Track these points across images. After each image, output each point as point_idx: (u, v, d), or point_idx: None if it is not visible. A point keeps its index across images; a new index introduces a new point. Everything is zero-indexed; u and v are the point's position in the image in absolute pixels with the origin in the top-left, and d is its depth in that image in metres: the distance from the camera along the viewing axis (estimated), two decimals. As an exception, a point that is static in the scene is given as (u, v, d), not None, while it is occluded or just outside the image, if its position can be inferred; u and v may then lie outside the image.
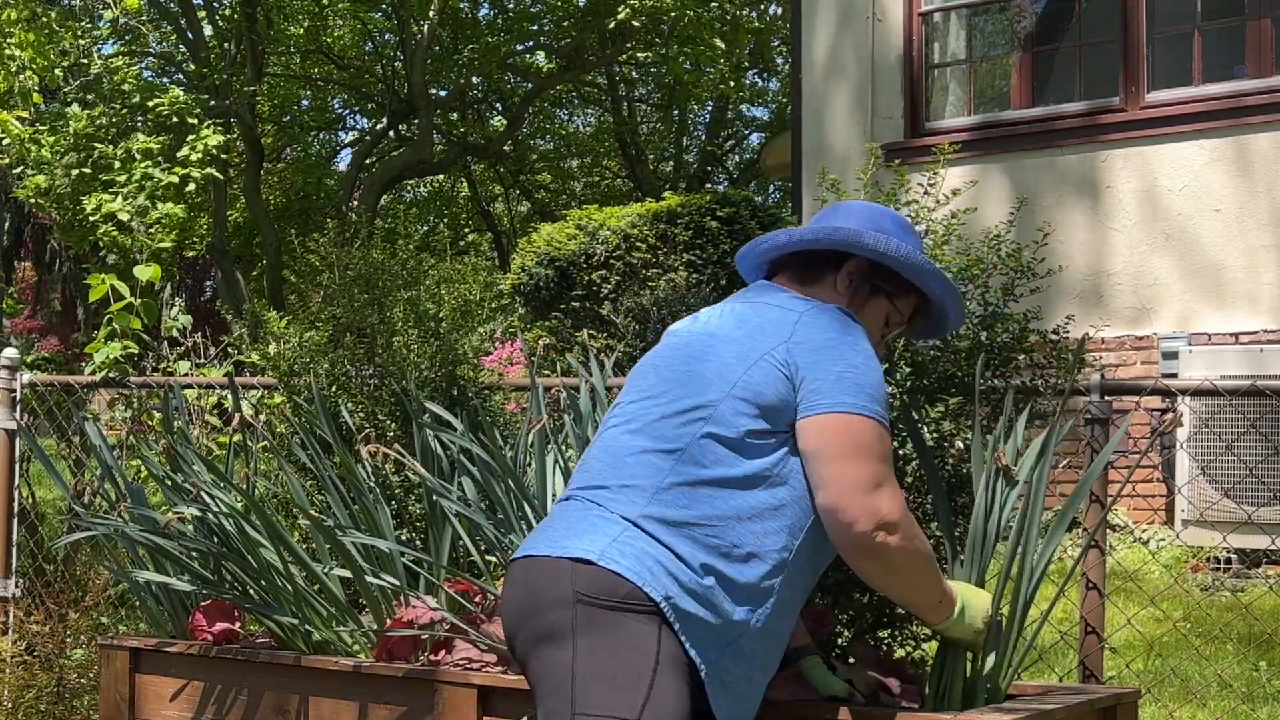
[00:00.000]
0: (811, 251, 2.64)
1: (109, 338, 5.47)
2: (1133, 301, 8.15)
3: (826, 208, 2.79)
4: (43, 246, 26.25)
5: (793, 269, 2.66)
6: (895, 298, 2.65)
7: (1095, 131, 8.37)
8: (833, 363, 2.42)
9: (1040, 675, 4.37)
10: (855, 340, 2.47)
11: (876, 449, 2.40)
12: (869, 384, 2.42)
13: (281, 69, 19.74)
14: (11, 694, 4.88)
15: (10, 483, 5.11)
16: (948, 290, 2.66)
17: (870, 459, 2.38)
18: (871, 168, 3.61)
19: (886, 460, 2.41)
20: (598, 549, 2.35)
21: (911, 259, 2.60)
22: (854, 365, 2.43)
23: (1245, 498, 6.59)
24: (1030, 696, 2.90)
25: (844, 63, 9.30)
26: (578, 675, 2.30)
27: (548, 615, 2.36)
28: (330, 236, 4.66)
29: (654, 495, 2.39)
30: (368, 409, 4.12)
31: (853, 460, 2.37)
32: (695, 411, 2.44)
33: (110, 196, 13.96)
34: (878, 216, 2.67)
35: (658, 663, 2.30)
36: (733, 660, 2.38)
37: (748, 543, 2.38)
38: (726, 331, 2.53)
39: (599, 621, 2.31)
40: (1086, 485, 2.97)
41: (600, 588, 2.33)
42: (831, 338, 2.45)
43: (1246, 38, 8.19)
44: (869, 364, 2.45)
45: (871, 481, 2.38)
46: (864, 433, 2.39)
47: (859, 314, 2.59)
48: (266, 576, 3.49)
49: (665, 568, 2.34)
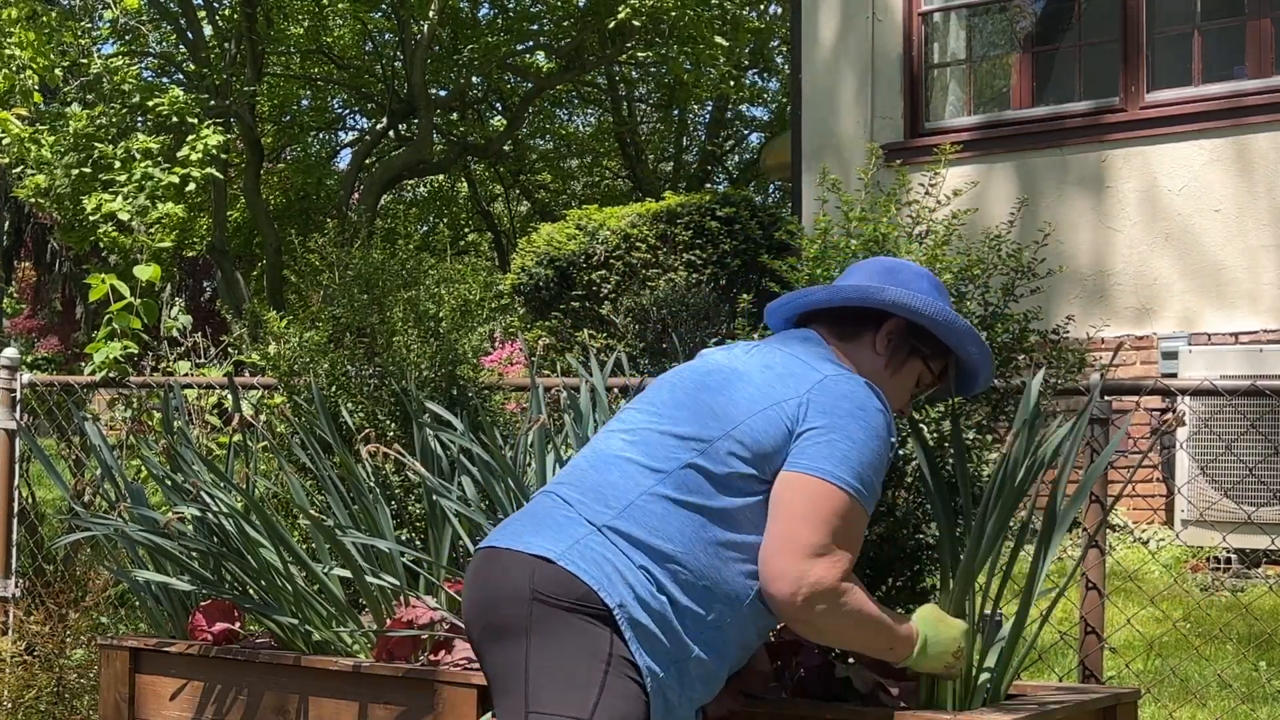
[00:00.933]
0: (850, 309, 2.65)
1: (109, 338, 5.47)
2: (1133, 301, 8.15)
3: (856, 263, 2.80)
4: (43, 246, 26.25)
5: (829, 323, 2.66)
6: (930, 360, 2.66)
7: (1095, 131, 8.37)
8: (834, 430, 2.42)
9: (1040, 675, 4.37)
10: (868, 416, 2.45)
11: (835, 521, 2.38)
12: (860, 460, 2.41)
13: (281, 69, 19.74)
14: (11, 694, 4.88)
15: (10, 483, 5.11)
16: (984, 354, 2.68)
17: (823, 527, 2.37)
18: (872, 168, 3.61)
19: (846, 535, 2.40)
20: (559, 549, 2.36)
21: (955, 324, 2.62)
22: (852, 438, 2.42)
23: (1245, 498, 6.59)
24: (1030, 696, 2.90)
25: (844, 62, 9.30)
26: (531, 673, 2.32)
27: (503, 610, 2.38)
28: (330, 236, 4.67)
29: (626, 508, 2.40)
30: (368, 409, 4.12)
31: (805, 523, 2.38)
32: (692, 441, 2.45)
33: (110, 196, 13.96)
34: (912, 277, 2.67)
35: (609, 664, 2.31)
36: (677, 680, 2.39)
37: (708, 575, 2.39)
38: (750, 372, 2.54)
39: (552, 620, 2.33)
40: (1087, 485, 2.97)
41: (557, 587, 2.33)
42: (846, 408, 2.44)
43: (1246, 38, 8.19)
44: (870, 441, 2.43)
45: (813, 548, 2.37)
46: (829, 500, 2.38)
47: (895, 374, 2.62)
48: (266, 576, 3.49)
49: (624, 577, 2.35)
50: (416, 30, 17.62)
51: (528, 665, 2.32)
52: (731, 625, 2.43)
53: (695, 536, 2.39)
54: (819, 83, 9.42)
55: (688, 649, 2.39)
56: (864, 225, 3.48)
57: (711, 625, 2.41)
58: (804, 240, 3.59)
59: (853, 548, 2.42)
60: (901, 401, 2.67)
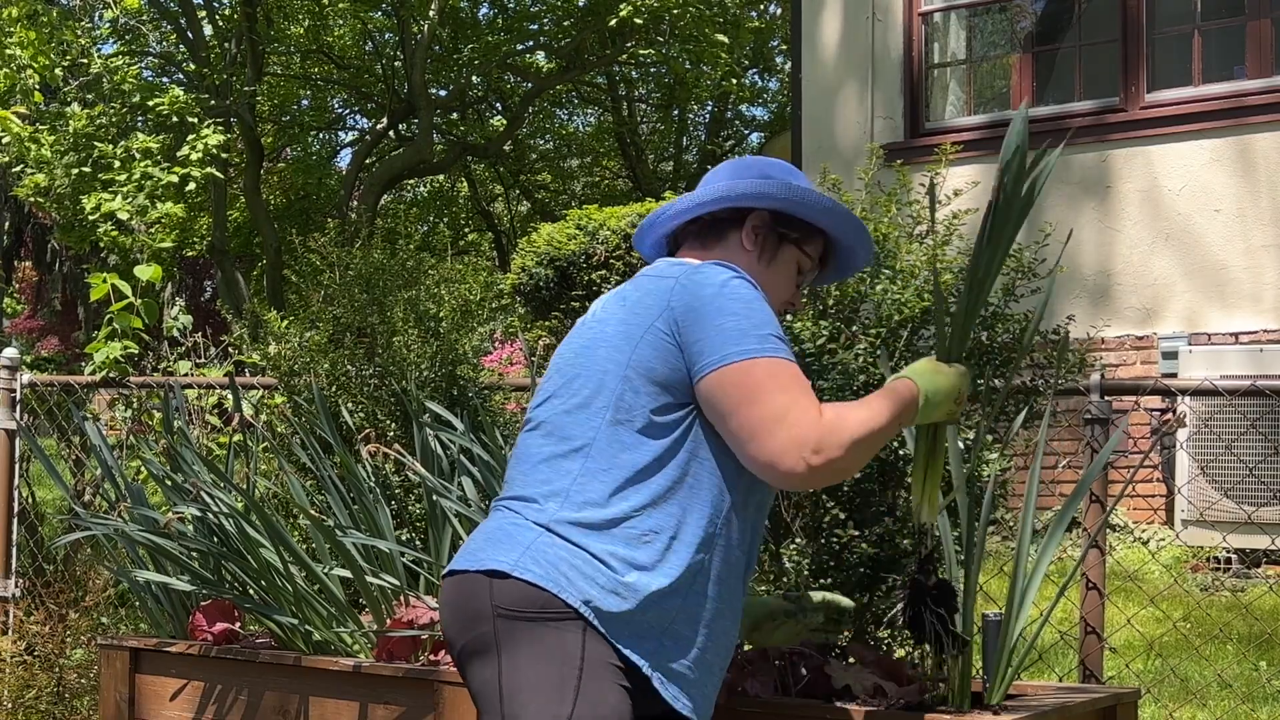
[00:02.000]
0: (710, 216, 2.58)
1: (109, 338, 5.47)
2: (1133, 301, 8.15)
3: (709, 173, 2.71)
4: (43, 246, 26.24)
5: (695, 236, 2.59)
6: (803, 243, 2.59)
7: (1095, 132, 8.37)
8: (710, 318, 2.35)
9: (1040, 675, 4.37)
10: (733, 290, 2.37)
11: (768, 383, 2.31)
12: (748, 326, 2.34)
13: (281, 69, 19.75)
14: (11, 694, 4.88)
15: (10, 483, 5.11)
16: (853, 227, 2.61)
17: (765, 396, 2.30)
18: (872, 168, 3.61)
19: (787, 388, 2.31)
20: (511, 559, 2.32)
21: (817, 203, 2.56)
22: (731, 313, 2.34)
23: (1245, 498, 6.59)
24: (1030, 696, 2.90)
25: (844, 63, 9.30)
26: (505, 690, 2.28)
27: (471, 631, 2.35)
28: (330, 236, 4.67)
29: (566, 498, 2.36)
30: (368, 409, 4.13)
31: (752, 405, 2.30)
32: (595, 402, 2.40)
33: (110, 196, 13.97)
34: (764, 166, 2.62)
35: (582, 669, 2.26)
36: (674, 647, 2.33)
37: (668, 526, 2.33)
38: (612, 313, 2.48)
39: (519, 634, 2.29)
40: (1086, 485, 2.97)
41: (517, 599, 2.29)
42: (706, 294, 2.37)
43: (1246, 38, 8.19)
44: (748, 307, 2.36)
45: (775, 416, 2.29)
46: (751, 373, 2.31)
47: (771, 266, 2.55)
48: (266, 576, 3.49)
49: (581, 571, 2.30)
50: (416, 30, 17.62)
51: (501, 684, 2.29)
52: (715, 558, 2.37)
53: (641, 497, 2.33)
54: (819, 83, 9.41)
55: (670, 613, 2.32)
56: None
57: (692, 570, 2.34)
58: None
59: (803, 389, 2.34)
60: (786, 293, 2.60)
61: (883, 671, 2.88)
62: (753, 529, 2.46)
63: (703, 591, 2.36)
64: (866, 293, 3.36)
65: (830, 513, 3.28)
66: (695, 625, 2.35)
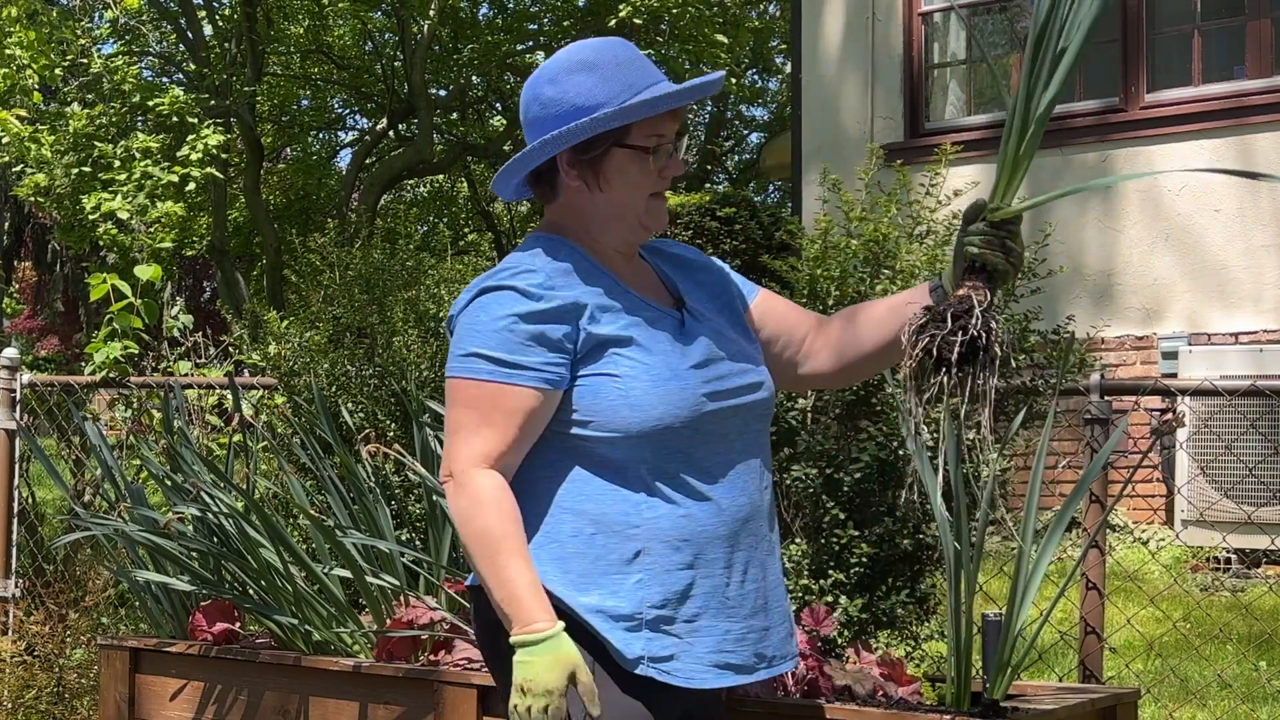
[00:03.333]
0: (534, 174, 2.44)
1: (109, 338, 5.47)
2: (1133, 301, 8.16)
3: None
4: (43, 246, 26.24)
5: (538, 193, 2.46)
6: (623, 141, 2.31)
7: (1096, 132, 8.37)
8: (455, 337, 2.33)
9: (1040, 675, 4.37)
10: (477, 306, 2.30)
11: (464, 405, 2.27)
12: (471, 342, 2.27)
13: (281, 69, 19.74)
14: (11, 694, 4.88)
15: (10, 483, 5.11)
16: (658, 102, 2.29)
17: (453, 411, 2.29)
18: (873, 168, 3.62)
19: (481, 416, 2.25)
20: None
21: (599, 118, 2.27)
22: (462, 330, 2.30)
23: (1245, 498, 6.59)
24: (1030, 696, 2.90)
25: (844, 62, 9.30)
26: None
27: (483, 637, 2.38)
28: (330, 236, 4.67)
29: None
30: (368, 409, 4.13)
31: (449, 413, 2.31)
32: None
33: (110, 195, 13.97)
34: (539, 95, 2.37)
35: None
36: (655, 636, 2.26)
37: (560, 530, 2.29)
38: None
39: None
40: (1085, 485, 2.97)
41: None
42: (456, 311, 2.35)
43: (1247, 38, 8.19)
44: (473, 325, 2.28)
45: (447, 429, 2.31)
46: (454, 390, 2.30)
47: (609, 186, 2.33)
48: (266, 577, 3.49)
49: (546, 572, 2.27)
50: (416, 30, 17.63)
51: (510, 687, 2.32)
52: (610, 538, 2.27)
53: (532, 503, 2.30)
54: (819, 83, 9.42)
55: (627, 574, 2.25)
56: (864, 225, 3.48)
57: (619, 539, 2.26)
58: (804, 240, 3.60)
59: (496, 428, 2.24)
60: (647, 185, 2.34)
61: (883, 671, 2.88)
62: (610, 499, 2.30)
63: (632, 573, 2.27)
64: (866, 293, 3.36)
65: (830, 513, 3.29)
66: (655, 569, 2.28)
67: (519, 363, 2.25)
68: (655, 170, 2.35)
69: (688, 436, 2.28)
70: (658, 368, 2.28)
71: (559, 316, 2.27)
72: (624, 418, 2.25)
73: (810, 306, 3.42)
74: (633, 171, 2.33)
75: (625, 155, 2.32)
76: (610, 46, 2.36)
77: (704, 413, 2.29)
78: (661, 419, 2.25)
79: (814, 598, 3.25)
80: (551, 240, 2.37)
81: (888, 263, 3.43)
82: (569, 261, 2.33)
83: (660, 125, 2.33)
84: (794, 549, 3.31)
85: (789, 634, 2.43)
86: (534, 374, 2.25)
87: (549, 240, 2.37)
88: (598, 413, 2.26)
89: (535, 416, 2.26)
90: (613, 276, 2.35)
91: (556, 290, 2.28)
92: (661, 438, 2.26)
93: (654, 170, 2.35)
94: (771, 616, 2.38)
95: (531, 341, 2.26)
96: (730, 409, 2.33)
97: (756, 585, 2.35)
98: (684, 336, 2.34)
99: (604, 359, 2.28)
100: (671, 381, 2.27)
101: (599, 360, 2.28)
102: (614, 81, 2.31)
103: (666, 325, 2.34)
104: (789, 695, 2.86)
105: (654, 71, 2.35)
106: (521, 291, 2.28)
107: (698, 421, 2.28)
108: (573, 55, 2.36)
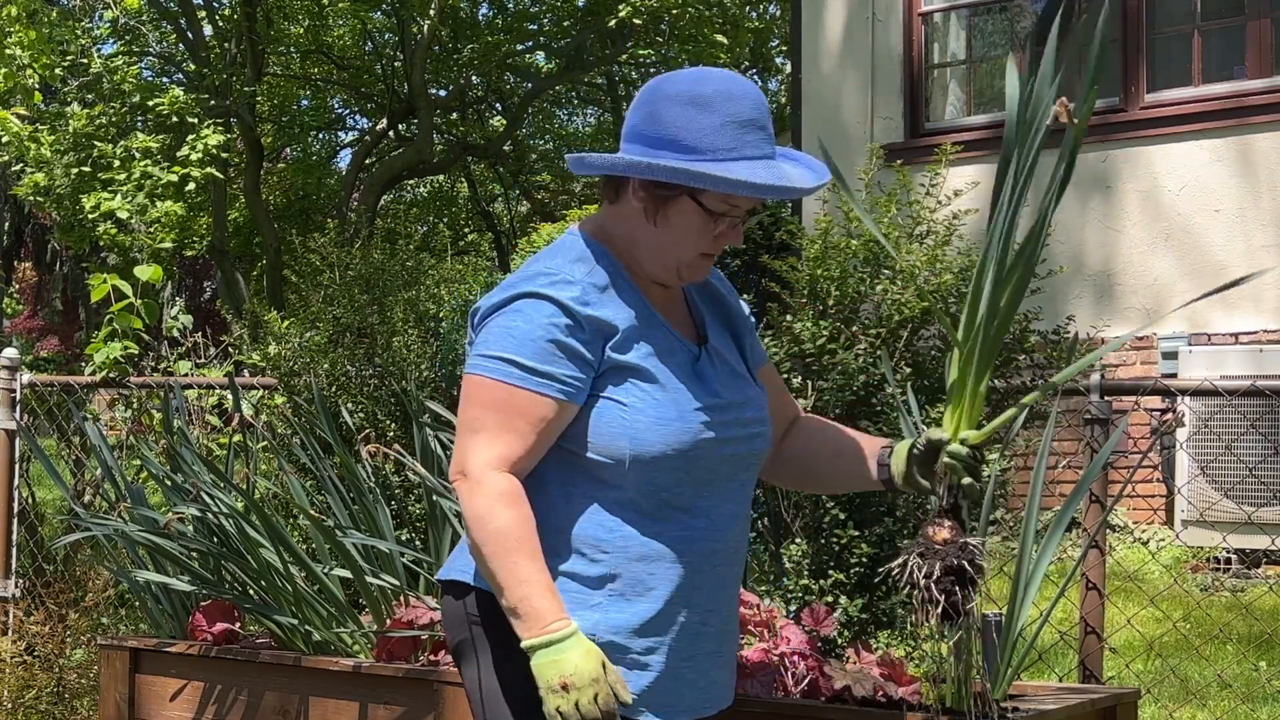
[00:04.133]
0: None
1: (109, 338, 5.47)
2: (1133, 301, 8.15)
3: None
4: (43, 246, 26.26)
5: (601, 186, 2.41)
6: (697, 195, 2.28)
7: (1096, 132, 8.36)
8: (482, 333, 2.32)
9: (1040, 675, 4.36)
10: (508, 307, 2.29)
11: (479, 405, 2.26)
12: (490, 347, 2.27)
13: (281, 69, 19.74)
14: (11, 694, 4.88)
15: (10, 483, 5.11)
16: (743, 186, 2.25)
17: (470, 410, 2.28)
18: (873, 168, 3.62)
19: (499, 420, 2.24)
20: (471, 569, 2.34)
21: (672, 172, 2.24)
22: (493, 328, 2.29)
23: (1245, 498, 6.59)
24: (1030, 697, 2.90)
25: (844, 63, 9.30)
26: (485, 693, 2.31)
27: (453, 637, 2.38)
28: (330, 236, 4.67)
29: None
30: (368, 409, 4.13)
31: (462, 411, 2.30)
32: None
33: (110, 195, 13.97)
34: (659, 111, 2.30)
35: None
36: (637, 645, 2.29)
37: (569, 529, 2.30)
38: None
39: (492, 638, 2.30)
40: (1086, 485, 2.97)
41: (480, 606, 2.32)
42: (486, 308, 2.34)
43: (1247, 38, 8.19)
44: (507, 329, 2.27)
45: (464, 427, 2.28)
46: (472, 387, 2.29)
47: (664, 223, 2.31)
48: (266, 577, 3.49)
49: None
50: (416, 30, 17.63)
51: (481, 686, 2.32)
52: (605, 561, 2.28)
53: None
54: (819, 83, 9.41)
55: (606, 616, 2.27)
56: (864, 225, 3.48)
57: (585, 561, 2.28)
58: (804, 240, 3.60)
59: (518, 434, 2.24)
60: (697, 243, 2.31)
61: (883, 671, 2.88)
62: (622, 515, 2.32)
63: (615, 588, 2.28)
64: (866, 293, 3.36)
65: (830, 513, 3.29)
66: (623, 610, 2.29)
67: (549, 373, 2.25)
68: (714, 233, 2.33)
69: (677, 472, 2.28)
70: (666, 404, 2.28)
71: (590, 335, 2.27)
72: (620, 447, 2.26)
73: (810, 306, 3.42)
74: (694, 225, 2.31)
75: (693, 208, 2.30)
76: (734, 97, 2.30)
77: (700, 455, 2.29)
78: (658, 455, 2.26)
79: (814, 598, 3.25)
80: (595, 248, 2.35)
81: (888, 263, 3.43)
82: (607, 276, 2.32)
83: (738, 198, 2.30)
84: (794, 549, 3.31)
85: (731, 683, 2.45)
86: (560, 386, 2.25)
87: (593, 247, 2.35)
88: (598, 436, 2.27)
89: (553, 427, 2.27)
90: (644, 299, 2.35)
91: (591, 308, 2.28)
92: (651, 469, 2.27)
93: (713, 232, 2.32)
94: (725, 661, 2.40)
95: (562, 354, 2.25)
96: (726, 456, 2.34)
97: (715, 630, 2.37)
98: (699, 374, 2.34)
99: (618, 385, 2.28)
100: (676, 422, 2.28)
101: (614, 385, 2.28)
102: (722, 135, 2.27)
103: (684, 359, 2.34)
104: (789, 696, 2.86)
105: (764, 140, 2.31)
106: (560, 304, 2.26)
107: (690, 464, 2.29)
108: (696, 86, 2.30)
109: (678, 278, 2.36)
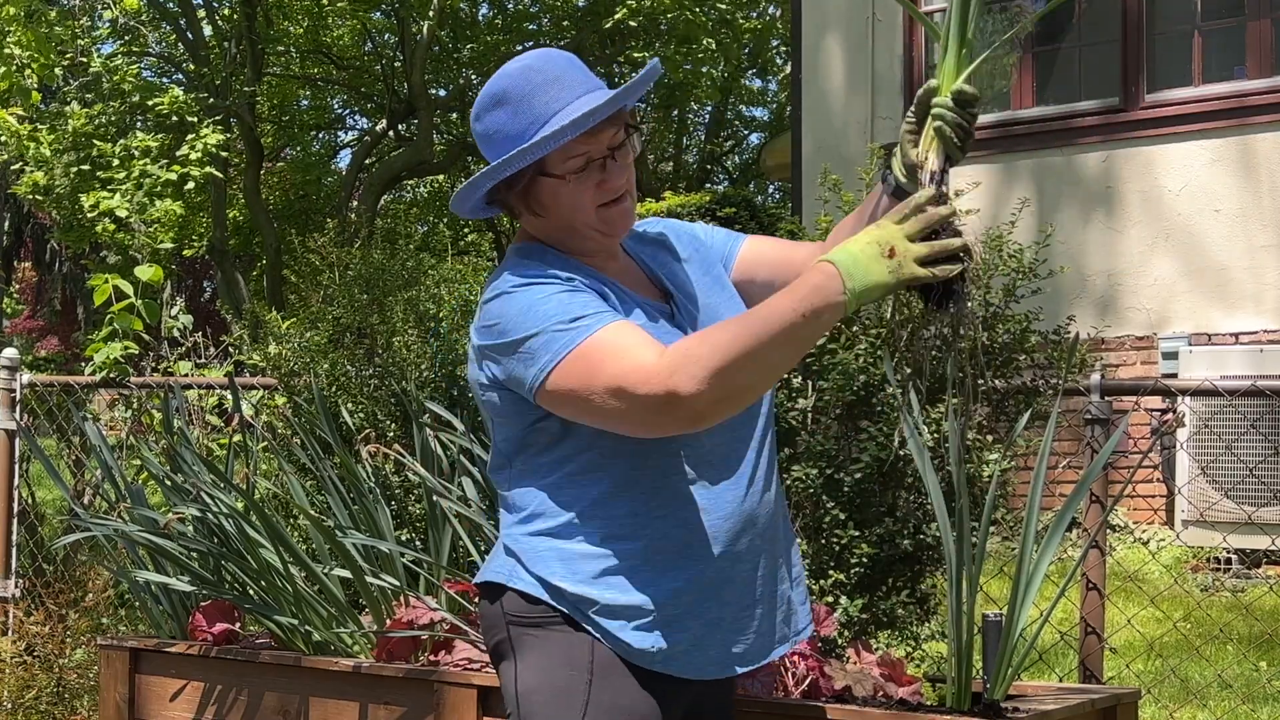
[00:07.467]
0: (487, 198, 2.37)
1: (109, 338, 5.47)
2: (1134, 301, 8.16)
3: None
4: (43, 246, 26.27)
5: (504, 212, 2.42)
6: (545, 171, 2.27)
7: (1097, 132, 8.37)
8: (514, 333, 2.24)
9: (1040, 675, 4.37)
10: (507, 303, 2.26)
11: (591, 358, 2.17)
12: (546, 322, 2.20)
13: (281, 69, 19.75)
14: (11, 694, 4.88)
15: (10, 483, 5.11)
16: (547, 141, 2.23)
17: (598, 372, 2.16)
18: (874, 168, 3.61)
19: (611, 353, 2.15)
20: (505, 570, 2.34)
21: (496, 169, 2.25)
22: (527, 324, 2.22)
23: (1245, 498, 6.59)
24: (1030, 697, 2.90)
25: (844, 63, 9.30)
26: (520, 694, 2.30)
27: (491, 638, 2.38)
28: (330, 236, 4.67)
29: (507, 507, 2.39)
30: (368, 409, 4.13)
31: (589, 388, 2.17)
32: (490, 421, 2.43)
33: (109, 194, 13.97)
34: (486, 128, 2.31)
35: (592, 674, 2.25)
36: (655, 627, 2.26)
37: (574, 507, 2.28)
38: None
39: (529, 639, 2.30)
40: (1086, 485, 2.96)
41: (516, 607, 2.31)
42: (493, 315, 2.28)
43: (1247, 38, 8.19)
44: (528, 311, 2.23)
45: (616, 380, 2.15)
46: (581, 361, 2.18)
47: (546, 207, 2.30)
48: (266, 577, 3.49)
49: (555, 571, 2.28)
50: (416, 30, 17.63)
51: (517, 688, 2.31)
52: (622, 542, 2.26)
53: (544, 489, 2.30)
54: (819, 83, 9.42)
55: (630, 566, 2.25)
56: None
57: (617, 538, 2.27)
58: (805, 240, 3.60)
59: (632, 346, 2.15)
60: (587, 207, 2.28)
61: (883, 671, 2.88)
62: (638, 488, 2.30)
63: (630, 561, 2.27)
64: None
65: (830, 513, 3.28)
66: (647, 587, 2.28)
67: (592, 311, 2.20)
68: (593, 186, 2.28)
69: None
70: None
71: (593, 288, 2.26)
72: None
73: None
74: (562, 196, 2.28)
75: (551, 183, 2.28)
76: (523, 74, 2.30)
77: None
78: None
79: (814, 598, 3.25)
80: (536, 250, 2.34)
81: (888, 263, 3.42)
82: (565, 268, 2.30)
83: (583, 144, 2.26)
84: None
85: (786, 617, 2.40)
86: (608, 314, 2.20)
87: (535, 249, 2.35)
88: None
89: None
90: (604, 275, 2.33)
91: (576, 279, 2.27)
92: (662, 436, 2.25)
93: (590, 187, 2.28)
94: (778, 602, 2.38)
95: (587, 297, 2.23)
96: None
97: (764, 574, 2.35)
98: (675, 329, 2.33)
99: None
100: None
101: None
102: (522, 116, 2.28)
103: (660, 319, 2.33)
104: (789, 696, 2.86)
105: (570, 89, 2.29)
106: (549, 279, 2.25)
107: None
108: (490, 89, 2.32)
109: (603, 237, 2.33)
